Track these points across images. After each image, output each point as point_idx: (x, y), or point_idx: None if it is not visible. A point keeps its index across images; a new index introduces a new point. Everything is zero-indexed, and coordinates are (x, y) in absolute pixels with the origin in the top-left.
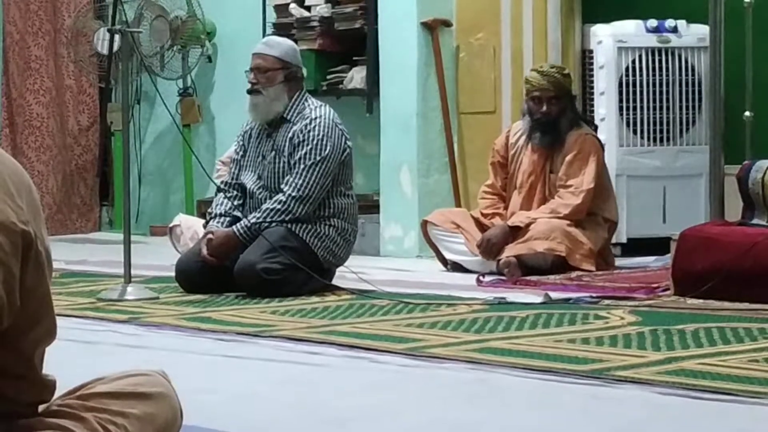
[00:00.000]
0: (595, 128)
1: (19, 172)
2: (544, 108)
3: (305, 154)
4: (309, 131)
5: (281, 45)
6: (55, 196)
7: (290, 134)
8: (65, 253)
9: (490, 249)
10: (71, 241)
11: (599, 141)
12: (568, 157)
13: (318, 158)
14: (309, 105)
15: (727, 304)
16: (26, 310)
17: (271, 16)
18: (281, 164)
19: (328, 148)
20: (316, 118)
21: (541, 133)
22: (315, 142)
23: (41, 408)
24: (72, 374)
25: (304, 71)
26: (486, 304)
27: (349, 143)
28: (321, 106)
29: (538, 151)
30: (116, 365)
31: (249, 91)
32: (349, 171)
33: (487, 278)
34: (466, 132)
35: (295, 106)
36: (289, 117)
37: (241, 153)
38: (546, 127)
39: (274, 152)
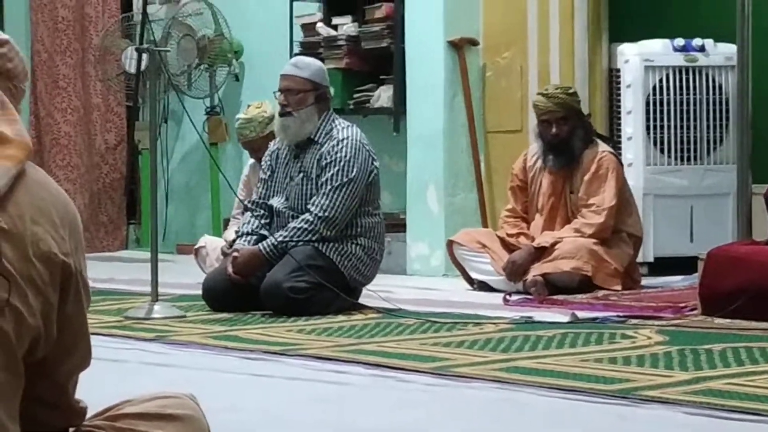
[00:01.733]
0: (614, 145)
1: (63, 202)
2: (554, 130)
3: (332, 175)
4: (336, 152)
5: (310, 66)
6: (82, 214)
7: (318, 156)
8: (92, 272)
9: (515, 271)
10: (98, 260)
11: (617, 157)
12: (587, 177)
13: (345, 180)
14: (336, 126)
15: (754, 324)
16: (63, 340)
17: (298, 35)
18: (309, 186)
19: (355, 169)
20: (343, 140)
21: (555, 155)
22: (342, 163)
23: (71, 431)
24: (99, 392)
25: (332, 90)
26: (512, 323)
27: (376, 164)
28: (348, 126)
29: (556, 173)
30: (143, 384)
31: (280, 114)
32: (376, 191)
33: (514, 297)
34: (492, 151)
35: (323, 127)
36: (317, 138)
37: (268, 173)
38: (559, 149)
39: (301, 174)
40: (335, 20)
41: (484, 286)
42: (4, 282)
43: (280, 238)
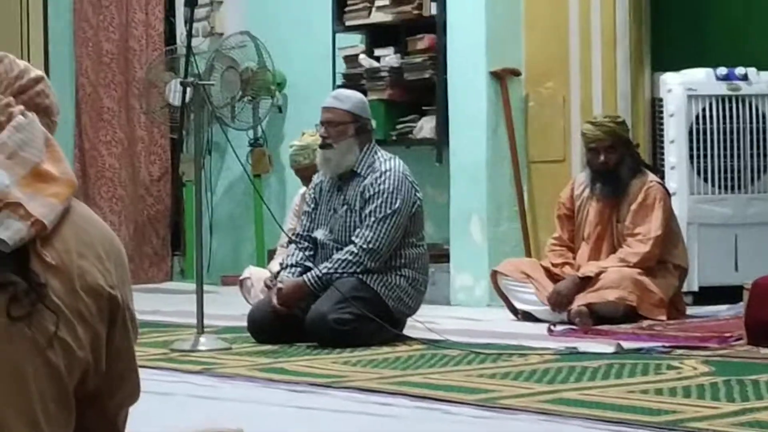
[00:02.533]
0: (661, 175)
1: (108, 236)
2: (602, 158)
3: (376, 207)
4: (379, 185)
5: (351, 98)
6: (127, 246)
7: (361, 188)
8: (137, 303)
9: (560, 301)
10: (143, 291)
11: (665, 187)
12: (634, 206)
13: (389, 211)
14: (378, 158)
15: None
16: (112, 372)
17: (341, 67)
18: (352, 218)
19: (399, 201)
20: (386, 171)
21: (602, 183)
22: (385, 195)
23: None
24: (146, 426)
25: (374, 123)
26: (557, 354)
27: (419, 195)
28: (391, 158)
29: (603, 201)
30: (191, 417)
31: (321, 146)
32: (420, 222)
33: (559, 328)
34: (535, 181)
35: (365, 160)
36: (359, 170)
37: (312, 206)
38: (606, 177)
39: (345, 206)
40: (378, 52)
41: (528, 317)
42: (52, 316)
43: (324, 270)
